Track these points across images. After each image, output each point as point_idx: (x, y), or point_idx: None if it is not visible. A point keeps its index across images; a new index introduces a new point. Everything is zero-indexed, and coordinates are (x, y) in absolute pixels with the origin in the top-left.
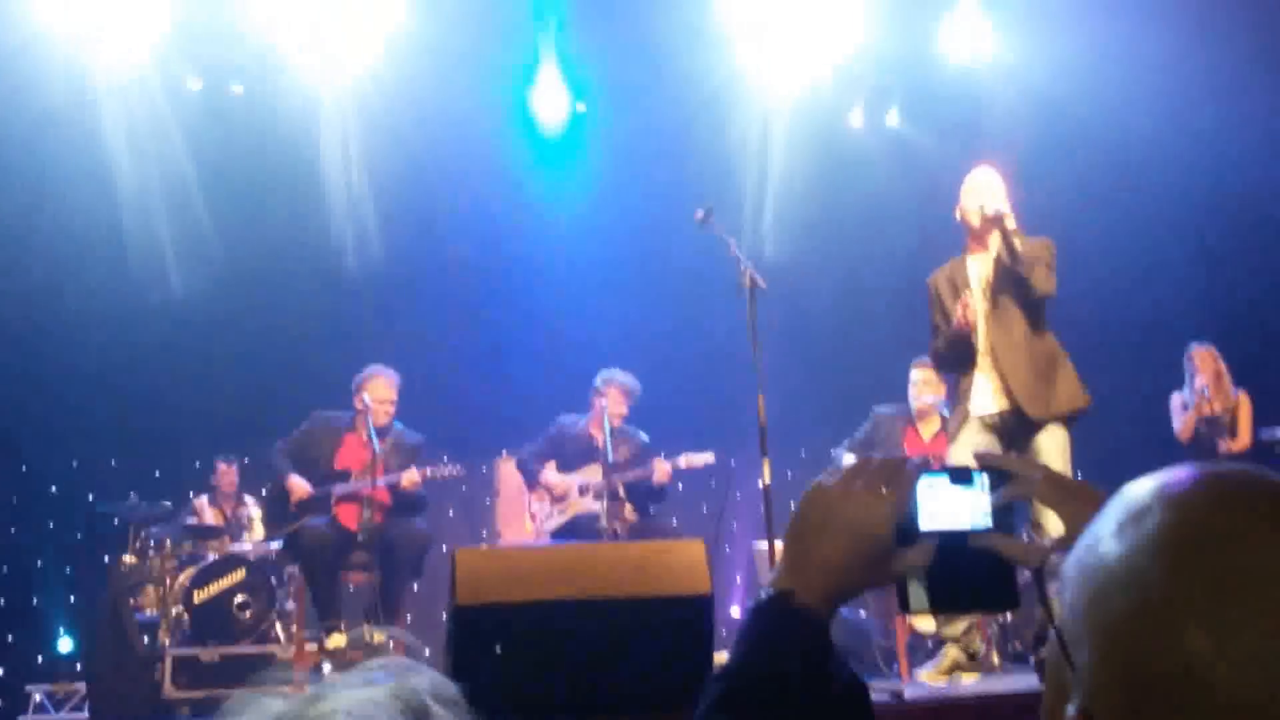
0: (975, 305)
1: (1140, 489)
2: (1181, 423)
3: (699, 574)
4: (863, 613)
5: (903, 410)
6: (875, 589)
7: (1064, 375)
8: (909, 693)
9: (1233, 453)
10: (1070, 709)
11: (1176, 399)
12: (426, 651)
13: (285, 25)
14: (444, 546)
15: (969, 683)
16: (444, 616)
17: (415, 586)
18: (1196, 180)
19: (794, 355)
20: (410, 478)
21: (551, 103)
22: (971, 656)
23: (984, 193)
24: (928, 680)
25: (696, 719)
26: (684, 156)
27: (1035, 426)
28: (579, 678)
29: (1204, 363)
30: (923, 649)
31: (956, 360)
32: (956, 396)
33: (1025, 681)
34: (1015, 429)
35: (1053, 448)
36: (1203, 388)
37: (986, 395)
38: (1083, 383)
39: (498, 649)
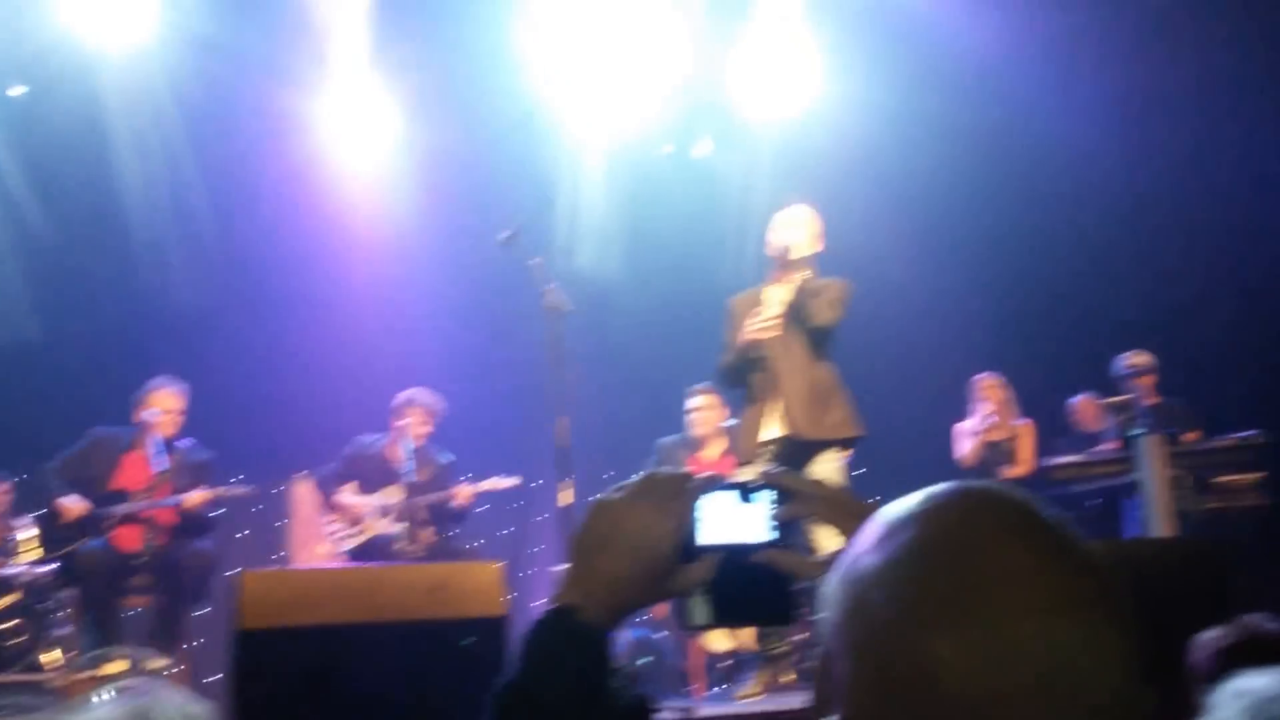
0: (768, 325)
1: (899, 506)
2: (967, 448)
3: (494, 596)
4: (664, 632)
5: (685, 439)
6: (657, 604)
7: (838, 404)
8: (701, 711)
9: (1013, 477)
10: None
11: (962, 426)
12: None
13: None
14: (232, 570)
15: (757, 699)
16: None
17: (202, 610)
18: (989, 221)
19: (604, 378)
20: (192, 499)
21: (361, 114)
22: (782, 672)
23: (789, 230)
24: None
25: None
26: (495, 178)
27: (811, 451)
28: (368, 703)
29: (990, 392)
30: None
31: (738, 377)
32: (743, 421)
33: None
34: (793, 453)
35: (828, 472)
36: (989, 415)
37: (770, 420)
38: (858, 414)
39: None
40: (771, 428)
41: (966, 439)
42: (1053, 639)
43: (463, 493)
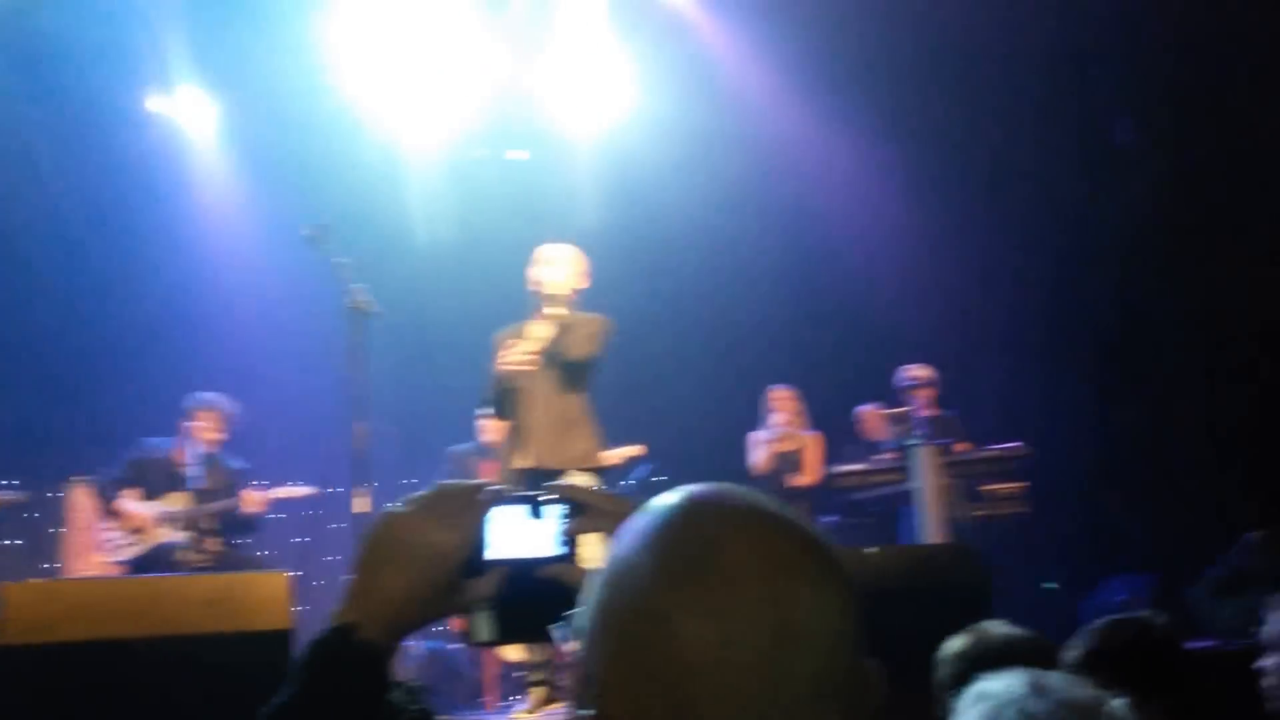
0: (523, 360)
1: (653, 505)
2: (759, 457)
3: (280, 608)
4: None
5: (477, 447)
6: (441, 619)
7: (583, 435)
8: None
9: (801, 485)
10: (581, 714)
11: (755, 436)
12: None
13: None
14: None
15: (551, 713)
16: None
17: None
18: (784, 239)
19: (410, 383)
20: None
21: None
22: (559, 688)
23: (548, 267)
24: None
25: None
26: (305, 176)
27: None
28: None
29: (782, 403)
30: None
31: (501, 407)
32: (502, 450)
33: None
34: (537, 483)
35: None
36: (780, 425)
37: (522, 450)
38: (603, 445)
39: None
40: (521, 457)
41: (759, 448)
42: (778, 609)
43: (252, 500)
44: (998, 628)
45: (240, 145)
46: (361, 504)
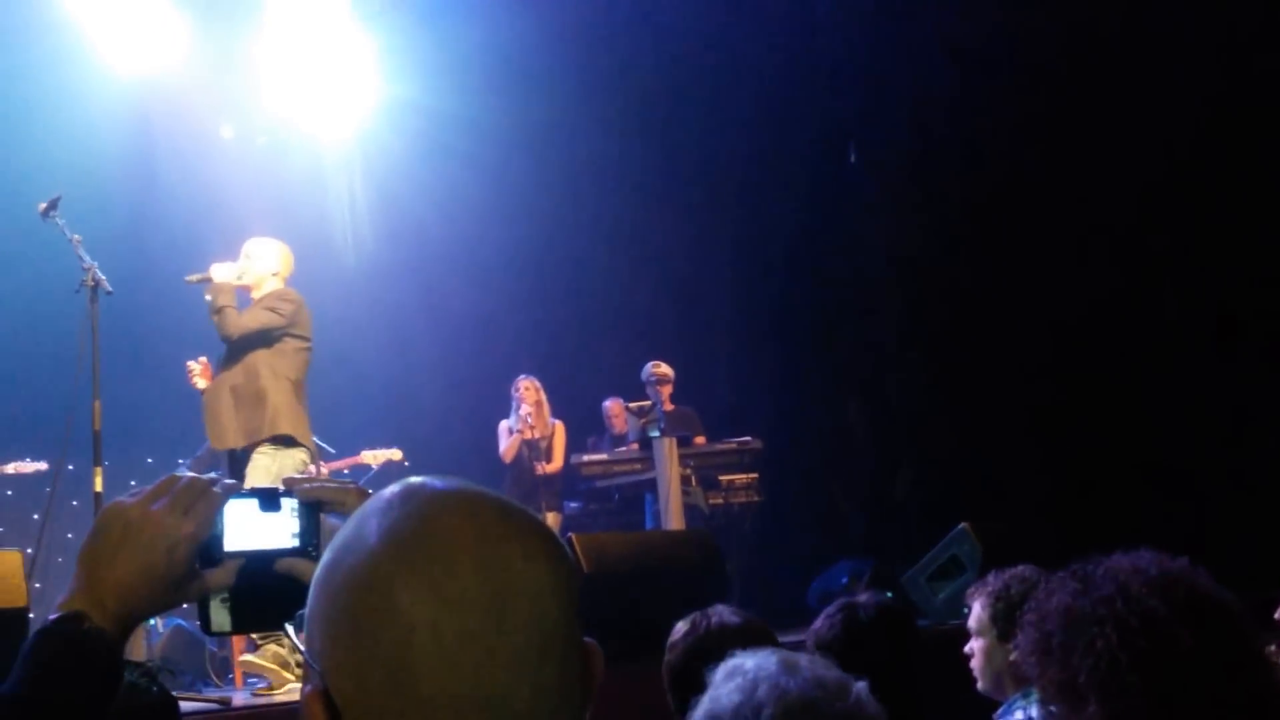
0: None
1: (386, 491)
2: (506, 445)
3: (13, 586)
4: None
5: None
6: (172, 608)
7: (264, 411)
8: (236, 700)
9: (547, 473)
10: (305, 688)
11: (504, 425)
12: None
13: None
14: None
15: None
16: None
17: None
18: (533, 235)
19: (144, 361)
20: None
21: None
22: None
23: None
24: (255, 660)
25: None
26: (42, 148)
27: (243, 457)
28: None
29: (528, 393)
30: None
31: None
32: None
33: None
34: (233, 463)
35: (258, 470)
36: (526, 414)
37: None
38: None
39: None
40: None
41: (505, 437)
42: (492, 575)
43: None
44: (721, 612)
45: None
46: (98, 482)
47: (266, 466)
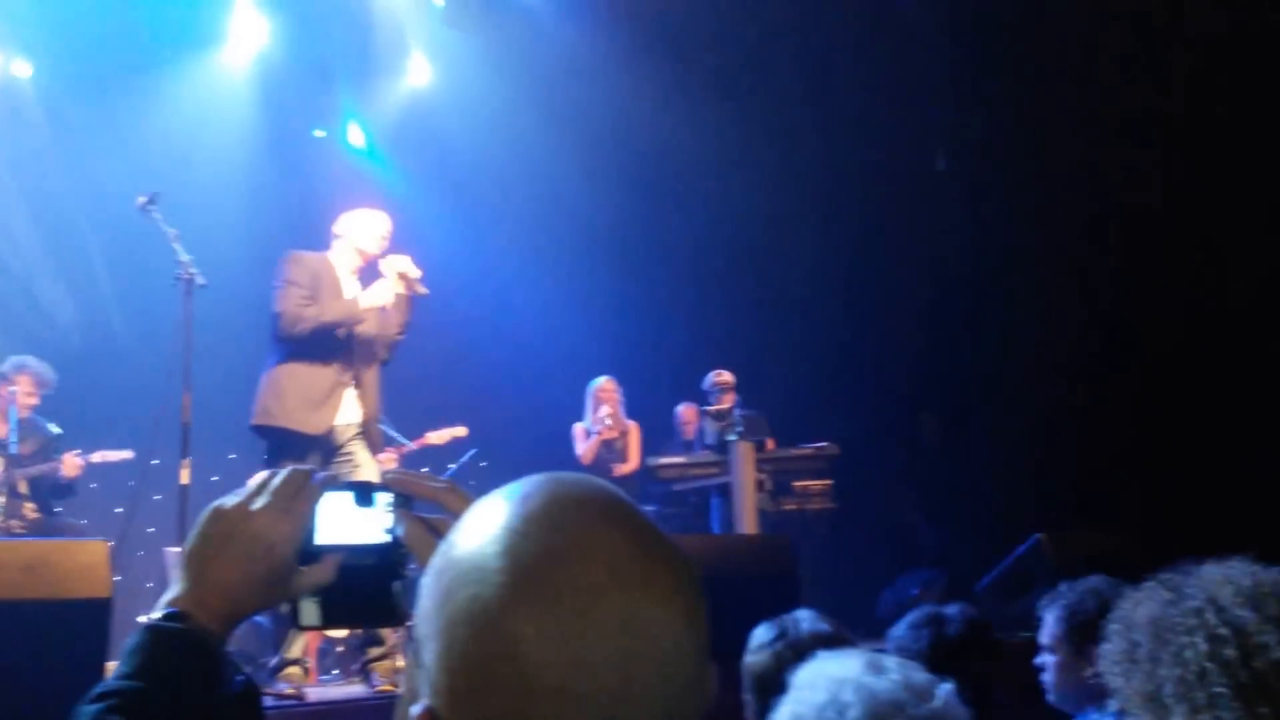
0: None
1: (494, 496)
2: (585, 447)
3: (99, 576)
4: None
5: None
6: (274, 606)
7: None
8: (311, 696)
9: (623, 474)
10: (414, 709)
11: (578, 427)
12: None
13: None
14: None
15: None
16: None
17: None
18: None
19: (235, 356)
20: None
21: None
22: (307, 673)
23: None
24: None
25: None
26: (135, 145)
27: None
28: None
29: (606, 395)
30: (332, 653)
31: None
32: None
33: None
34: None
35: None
36: (606, 415)
37: (352, 408)
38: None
39: None
40: (355, 413)
41: (583, 437)
42: (630, 618)
43: (70, 464)
44: (806, 619)
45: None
46: (184, 475)
47: (368, 458)
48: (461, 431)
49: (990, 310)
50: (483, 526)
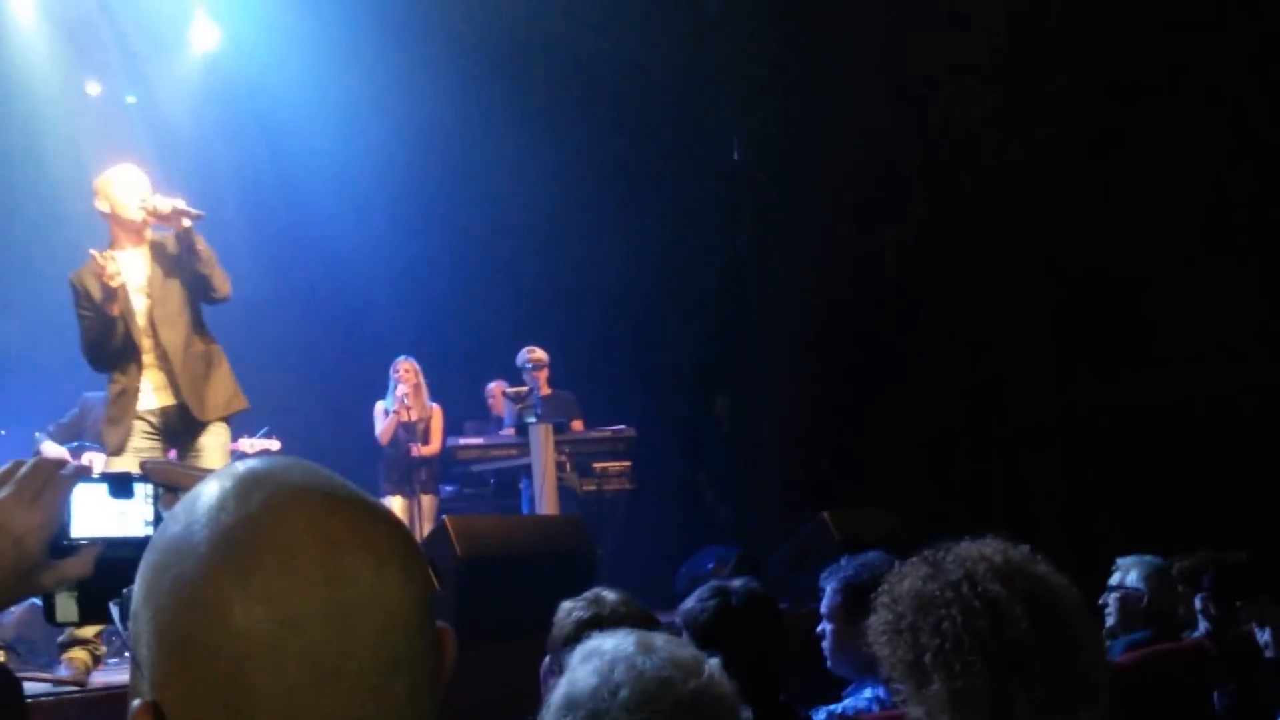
0: (136, 304)
1: (218, 480)
2: (383, 426)
3: None
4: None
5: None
6: (25, 599)
7: (221, 377)
8: (95, 681)
9: (423, 455)
10: (133, 704)
11: (379, 406)
12: None
13: None
14: None
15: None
16: None
17: None
18: (413, 212)
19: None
20: None
21: None
22: (96, 660)
23: (143, 188)
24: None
25: None
26: None
27: (199, 425)
28: None
29: (407, 375)
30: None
31: (111, 356)
32: (112, 397)
33: None
34: (180, 426)
35: (216, 447)
36: (404, 396)
37: (149, 393)
38: (238, 385)
39: None
40: (154, 399)
41: (381, 418)
42: (335, 586)
43: None
44: (609, 594)
45: None
46: None
47: (225, 446)
48: (274, 446)
49: (779, 296)
50: (186, 511)
